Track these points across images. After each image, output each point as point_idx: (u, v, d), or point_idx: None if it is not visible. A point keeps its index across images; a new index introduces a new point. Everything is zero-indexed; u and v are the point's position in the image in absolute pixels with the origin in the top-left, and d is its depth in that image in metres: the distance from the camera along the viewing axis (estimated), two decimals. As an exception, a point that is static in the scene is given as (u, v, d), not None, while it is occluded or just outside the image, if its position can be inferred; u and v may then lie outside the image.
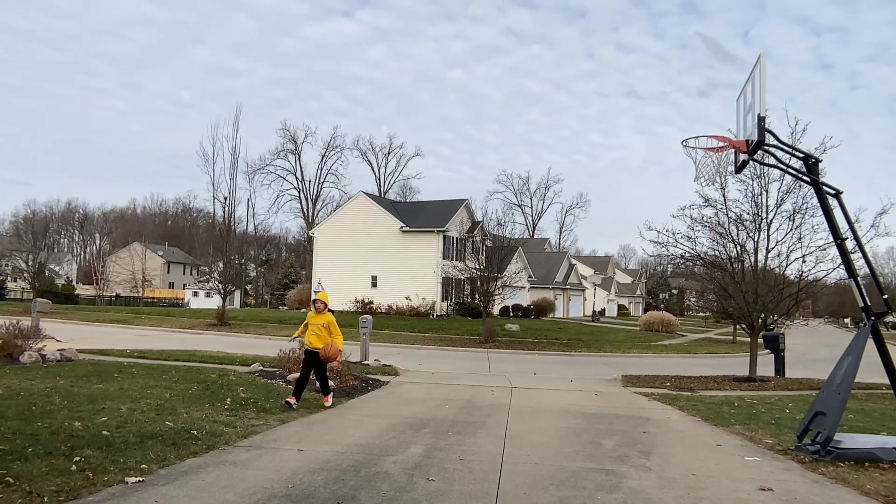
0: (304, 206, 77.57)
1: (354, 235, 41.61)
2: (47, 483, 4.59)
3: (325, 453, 6.23)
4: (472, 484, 5.35)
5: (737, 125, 7.96)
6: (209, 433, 6.66)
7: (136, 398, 8.29)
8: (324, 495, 4.83)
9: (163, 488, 4.80)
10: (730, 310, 16.05)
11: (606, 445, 7.22)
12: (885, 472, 6.14)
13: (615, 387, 13.61)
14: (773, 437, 7.79)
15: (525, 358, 22.89)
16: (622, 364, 20.98)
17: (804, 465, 6.43)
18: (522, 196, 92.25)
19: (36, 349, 12.12)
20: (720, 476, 5.97)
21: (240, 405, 8.44)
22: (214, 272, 39.76)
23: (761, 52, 6.90)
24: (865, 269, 8.79)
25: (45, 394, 8.14)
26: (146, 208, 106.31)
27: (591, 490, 5.27)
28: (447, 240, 41.20)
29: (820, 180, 7.43)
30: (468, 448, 6.78)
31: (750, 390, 13.27)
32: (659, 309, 62.26)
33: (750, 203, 15.11)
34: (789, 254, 14.81)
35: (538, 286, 53.61)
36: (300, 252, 76.04)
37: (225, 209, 34.62)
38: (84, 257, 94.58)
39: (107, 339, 21.49)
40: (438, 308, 39.86)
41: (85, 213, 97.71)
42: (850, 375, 6.78)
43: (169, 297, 72.81)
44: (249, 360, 13.75)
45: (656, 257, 22.01)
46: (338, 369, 11.46)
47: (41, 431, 6.06)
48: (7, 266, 56.37)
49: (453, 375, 15.00)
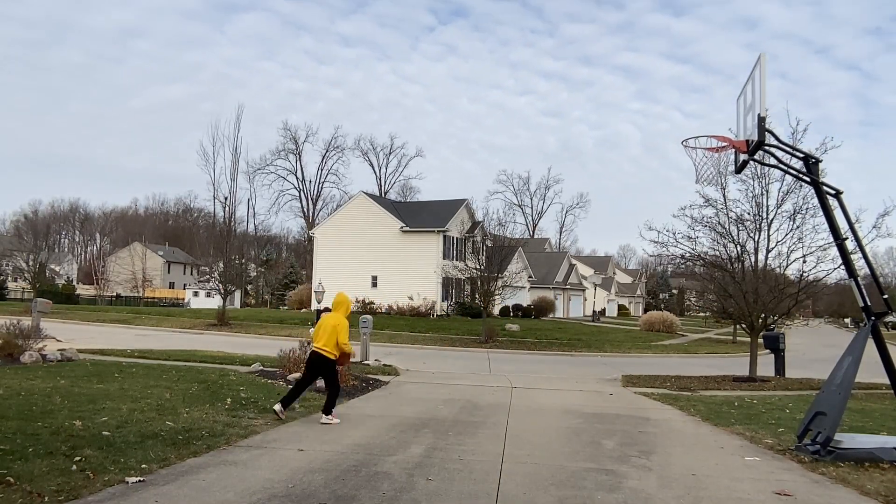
0: (305, 205, 77.66)
1: (355, 235, 41.61)
2: (48, 483, 4.59)
3: (325, 453, 6.24)
4: (472, 484, 5.35)
5: (737, 125, 7.96)
6: (209, 433, 6.66)
7: (136, 398, 8.29)
8: (324, 495, 4.84)
9: (163, 488, 4.80)
10: (730, 310, 16.05)
11: (607, 445, 7.23)
12: (885, 472, 6.14)
13: (615, 387, 13.61)
14: (774, 437, 7.80)
15: (525, 358, 22.88)
16: (622, 364, 20.97)
17: (804, 465, 6.44)
18: (523, 196, 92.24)
19: (36, 349, 12.12)
20: (720, 476, 5.97)
21: (240, 405, 8.45)
22: (215, 272, 39.69)
23: (761, 53, 6.91)
24: (866, 269, 8.81)
25: (46, 394, 8.14)
26: (147, 208, 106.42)
27: (591, 490, 5.27)
28: (447, 240, 41.20)
29: (820, 180, 7.43)
30: (468, 448, 6.78)
31: (750, 390, 13.28)
32: (659, 309, 62.25)
33: (750, 203, 15.13)
34: (790, 254, 14.82)
35: (538, 286, 53.59)
36: (301, 252, 76.01)
37: (225, 209, 34.63)
38: (84, 257, 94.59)
39: (107, 339, 21.49)
40: (439, 308, 39.86)
41: (86, 212, 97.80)
42: (850, 375, 6.78)
43: (169, 297, 72.80)
44: (250, 360, 13.76)
45: (656, 257, 22.05)
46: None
47: (42, 431, 6.07)
48: (8, 266, 56.39)
49: (453, 375, 15.01)
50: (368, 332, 16.86)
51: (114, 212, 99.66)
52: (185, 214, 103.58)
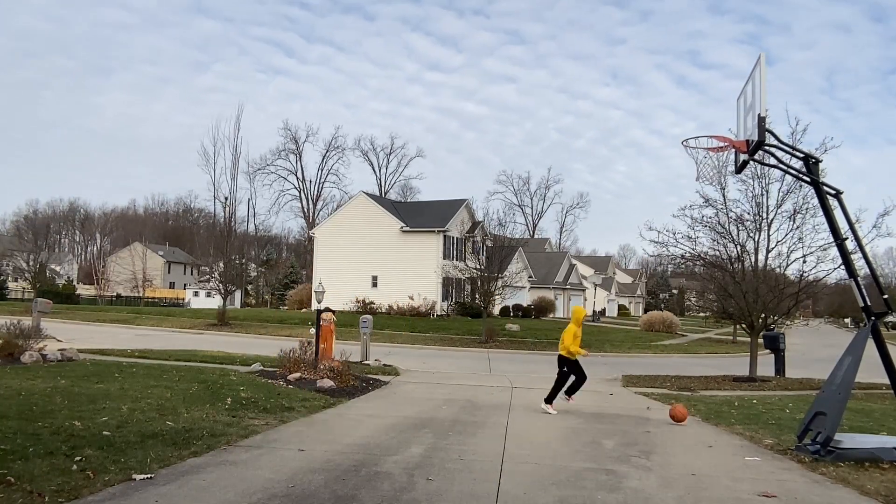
0: (305, 206, 77.72)
1: (355, 235, 41.61)
2: (48, 482, 4.59)
3: (325, 453, 6.24)
4: (472, 483, 5.35)
5: (737, 125, 7.96)
6: (210, 433, 6.66)
7: (136, 398, 8.29)
8: (324, 495, 4.84)
9: (163, 488, 4.80)
10: (730, 310, 16.06)
11: (607, 445, 7.23)
12: (885, 471, 6.14)
13: (615, 387, 13.61)
14: (774, 437, 7.80)
15: (525, 358, 22.89)
16: (622, 364, 20.98)
17: (804, 465, 6.44)
18: (523, 196, 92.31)
19: (37, 349, 12.11)
20: (720, 476, 5.97)
21: (240, 405, 8.45)
22: (215, 272, 39.69)
23: (761, 53, 6.91)
24: (866, 269, 8.80)
25: (46, 393, 8.14)
26: (147, 208, 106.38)
27: (591, 490, 5.27)
28: (448, 240, 41.21)
29: (820, 180, 7.43)
30: (468, 448, 6.78)
31: (750, 390, 13.28)
32: (659, 309, 62.26)
33: (750, 203, 15.14)
34: (790, 254, 14.84)
35: (538, 286, 53.60)
36: (301, 252, 76.05)
37: (226, 209, 34.64)
38: (85, 257, 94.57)
39: (107, 338, 21.50)
40: (439, 308, 39.85)
41: (86, 212, 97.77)
42: (850, 375, 6.78)
43: (170, 297, 72.78)
44: (250, 360, 13.77)
45: (657, 257, 22.03)
46: (338, 369, 11.49)
47: (42, 431, 6.06)
48: (8, 266, 56.42)
49: (454, 375, 15.01)
50: (368, 332, 16.87)
51: (114, 212, 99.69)
52: (186, 214, 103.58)
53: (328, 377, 10.98)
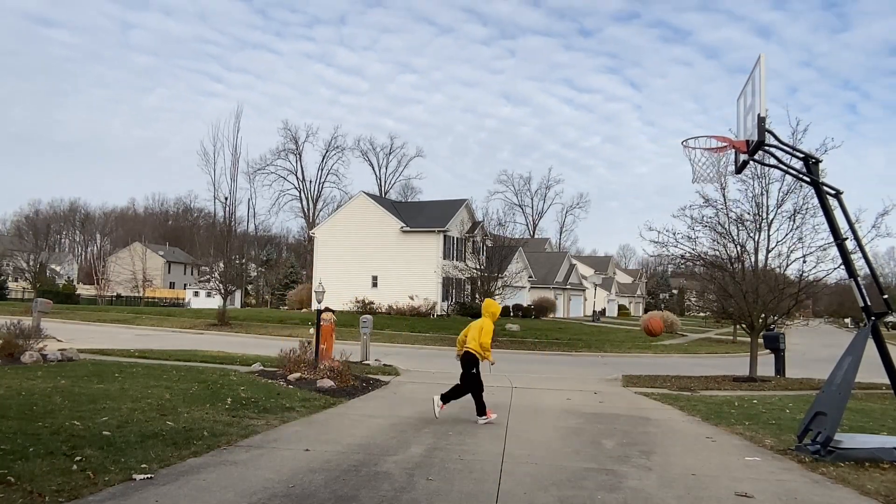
0: (305, 206, 77.73)
1: (355, 235, 41.62)
2: (48, 482, 4.59)
3: (325, 453, 6.24)
4: (472, 484, 5.35)
5: (737, 125, 7.97)
6: (210, 433, 6.66)
7: (136, 398, 8.29)
8: (324, 495, 4.84)
9: (163, 488, 4.80)
10: (730, 310, 16.05)
11: (607, 445, 7.23)
12: (885, 471, 6.14)
13: (615, 387, 13.62)
14: (774, 437, 7.80)
15: (525, 358, 22.89)
16: (622, 364, 20.98)
17: (804, 465, 6.43)
18: (523, 196, 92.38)
19: (37, 349, 12.12)
20: (721, 476, 5.97)
21: (240, 405, 8.45)
22: (215, 272, 39.69)
23: (761, 53, 6.90)
24: (866, 269, 8.80)
25: (46, 393, 8.14)
26: (147, 208, 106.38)
27: (591, 490, 5.27)
28: (448, 240, 41.21)
29: (820, 181, 7.43)
30: (468, 448, 6.78)
31: (750, 390, 13.28)
32: (659, 309, 62.27)
33: (750, 203, 15.14)
34: (790, 254, 14.84)
35: (539, 286, 53.60)
36: (301, 252, 76.05)
37: (226, 209, 34.66)
38: (85, 257, 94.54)
39: (108, 338, 21.50)
40: (439, 308, 39.85)
41: (86, 212, 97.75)
42: (850, 375, 6.78)
43: (170, 297, 72.80)
44: (250, 360, 13.77)
45: (657, 257, 22.05)
46: (338, 369, 11.48)
47: (42, 431, 6.07)
48: (8, 266, 56.44)
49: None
50: (368, 332, 16.87)
51: (114, 212, 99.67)
52: (186, 214, 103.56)
53: (328, 377, 10.98)
